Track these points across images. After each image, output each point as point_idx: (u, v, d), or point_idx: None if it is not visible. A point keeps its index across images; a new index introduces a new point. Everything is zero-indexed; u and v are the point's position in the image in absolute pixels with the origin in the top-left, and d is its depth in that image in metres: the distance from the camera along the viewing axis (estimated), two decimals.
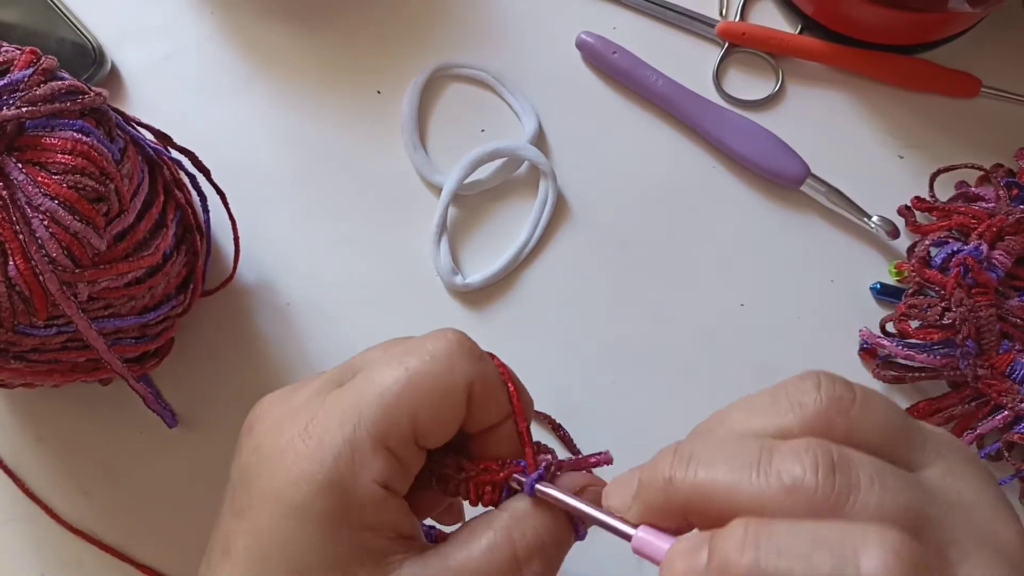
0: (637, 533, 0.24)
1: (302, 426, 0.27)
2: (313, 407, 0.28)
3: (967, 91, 0.51)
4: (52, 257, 0.34)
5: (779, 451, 0.22)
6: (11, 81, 0.34)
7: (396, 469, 0.27)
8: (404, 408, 0.27)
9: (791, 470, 0.21)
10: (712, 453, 0.23)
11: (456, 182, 0.48)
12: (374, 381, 0.27)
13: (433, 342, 0.28)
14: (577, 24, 0.52)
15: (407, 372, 0.27)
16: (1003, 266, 0.44)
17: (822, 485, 0.21)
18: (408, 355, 0.28)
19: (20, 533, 0.45)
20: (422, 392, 0.27)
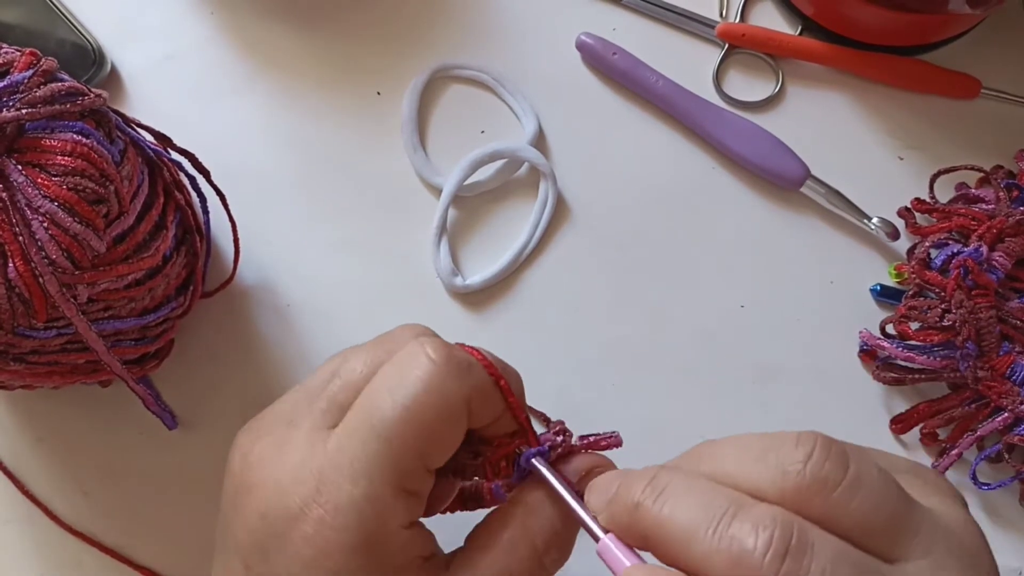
0: (604, 539, 0.25)
1: (312, 488, 0.26)
2: (316, 460, 0.27)
3: (967, 92, 0.51)
4: (52, 259, 0.34)
5: (742, 515, 0.22)
6: (11, 83, 0.34)
7: (416, 504, 0.27)
8: (411, 449, 0.26)
9: (744, 541, 0.21)
10: (683, 493, 0.23)
11: (456, 183, 0.48)
12: (372, 426, 0.26)
13: (418, 366, 0.27)
14: (577, 25, 0.52)
15: (406, 411, 0.26)
16: (1003, 268, 0.44)
17: (767, 566, 0.21)
18: (398, 387, 0.27)
19: (20, 534, 0.45)
20: (425, 428, 0.27)
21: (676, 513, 0.23)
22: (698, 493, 0.23)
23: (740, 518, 0.22)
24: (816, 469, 0.22)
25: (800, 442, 0.23)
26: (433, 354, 0.27)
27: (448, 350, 0.28)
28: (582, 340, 0.48)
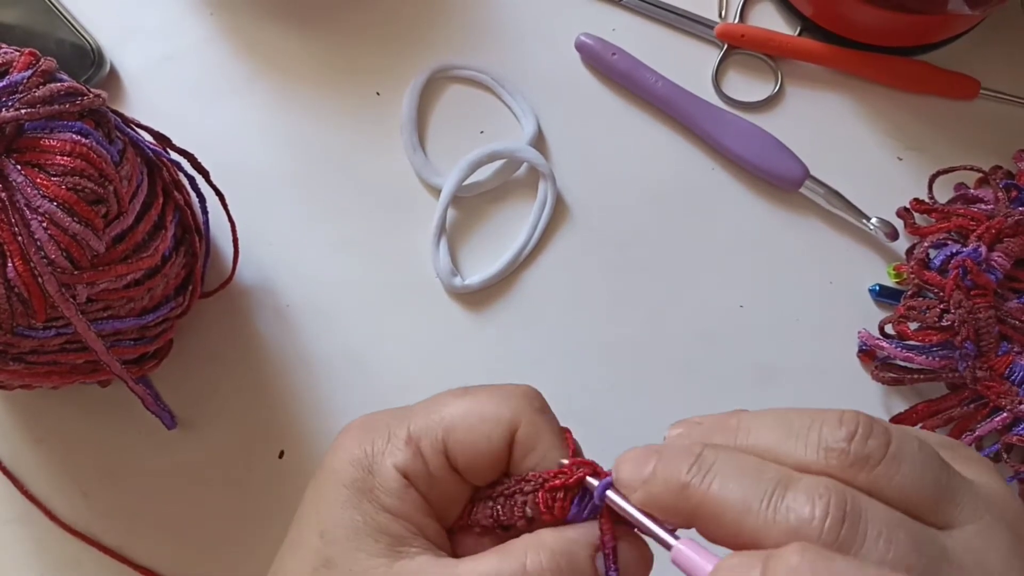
0: (677, 545, 0.24)
1: (370, 419, 0.30)
2: (384, 411, 0.30)
3: (966, 93, 0.51)
4: (51, 259, 0.34)
5: (795, 487, 0.22)
6: (10, 83, 0.34)
7: (420, 467, 0.28)
8: (443, 423, 0.28)
9: (800, 511, 0.21)
10: (731, 469, 0.23)
11: (455, 184, 0.48)
12: (436, 400, 0.29)
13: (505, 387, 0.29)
14: (576, 26, 0.52)
15: (458, 397, 0.29)
16: (1002, 268, 0.44)
17: (826, 533, 0.21)
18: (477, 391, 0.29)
19: (19, 534, 0.45)
20: (463, 410, 0.28)
21: (727, 490, 0.23)
22: (747, 468, 0.23)
23: (793, 489, 0.22)
24: (860, 446, 0.23)
25: (843, 421, 0.23)
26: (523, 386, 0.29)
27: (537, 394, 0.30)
28: (581, 340, 0.48)
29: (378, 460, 0.28)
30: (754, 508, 0.22)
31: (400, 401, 0.47)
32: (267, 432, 0.46)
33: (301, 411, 0.47)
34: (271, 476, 0.46)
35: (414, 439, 0.28)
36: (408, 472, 0.28)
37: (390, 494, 0.27)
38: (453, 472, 0.28)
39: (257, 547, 0.45)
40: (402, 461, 0.28)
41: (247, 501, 0.46)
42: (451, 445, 0.28)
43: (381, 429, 0.29)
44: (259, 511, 0.45)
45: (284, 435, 0.46)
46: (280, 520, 0.45)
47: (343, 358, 0.48)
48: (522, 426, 0.28)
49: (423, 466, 0.28)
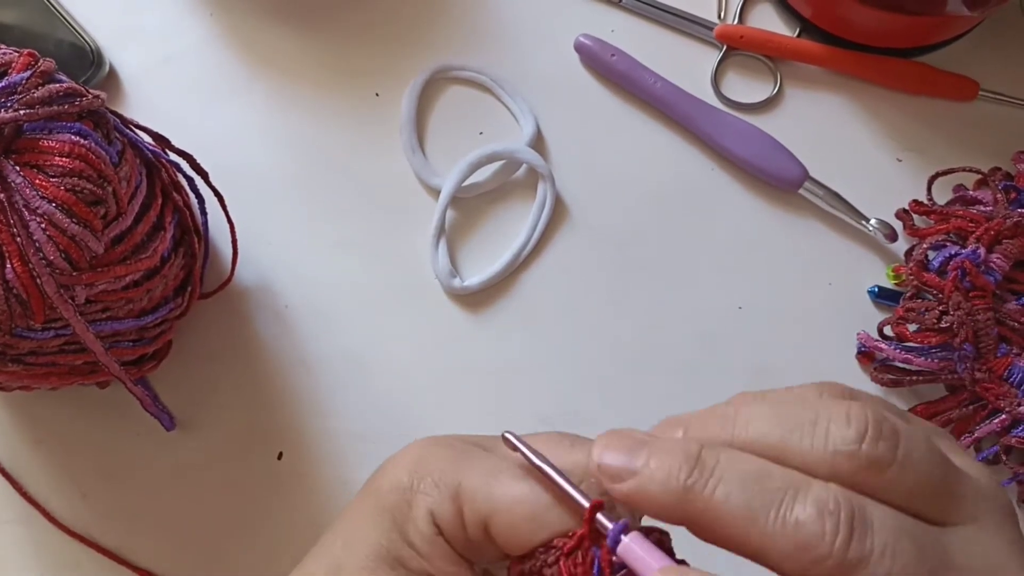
0: (625, 540, 0.23)
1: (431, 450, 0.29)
2: (449, 446, 0.29)
3: (965, 94, 0.51)
4: (49, 260, 0.34)
5: (802, 498, 0.21)
6: (9, 83, 0.34)
7: (457, 527, 0.27)
8: (491, 502, 0.26)
9: (811, 527, 0.21)
10: (735, 474, 0.22)
11: (454, 184, 0.48)
12: (498, 466, 0.27)
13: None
14: (575, 26, 0.52)
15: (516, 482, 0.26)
16: (1001, 270, 0.44)
17: (836, 552, 0.21)
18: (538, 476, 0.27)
19: (18, 536, 0.45)
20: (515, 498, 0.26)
21: (732, 497, 0.22)
22: (751, 474, 0.22)
23: (801, 500, 0.21)
24: (871, 449, 0.22)
25: (852, 418, 0.22)
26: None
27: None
28: (580, 341, 0.48)
29: (419, 500, 0.27)
30: (761, 519, 0.21)
31: (398, 402, 0.47)
32: (266, 433, 0.46)
33: (300, 412, 0.47)
34: (270, 477, 0.46)
35: (459, 498, 0.27)
36: (442, 525, 0.27)
37: (419, 534, 0.27)
38: (492, 543, 0.27)
39: (256, 548, 0.45)
40: (439, 512, 0.27)
41: (246, 502, 0.46)
42: (492, 527, 0.26)
43: (435, 466, 0.27)
44: (258, 512, 0.45)
45: (283, 436, 0.46)
46: (279, 521, 0.46)
47: (342, 359, 0.47)
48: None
49: (460, 528, 0.27)
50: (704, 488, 0.22)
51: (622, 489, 0.24)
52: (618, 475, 0.24)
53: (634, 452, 0.24)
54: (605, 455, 0.24)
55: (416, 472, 0.27)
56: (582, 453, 0.26)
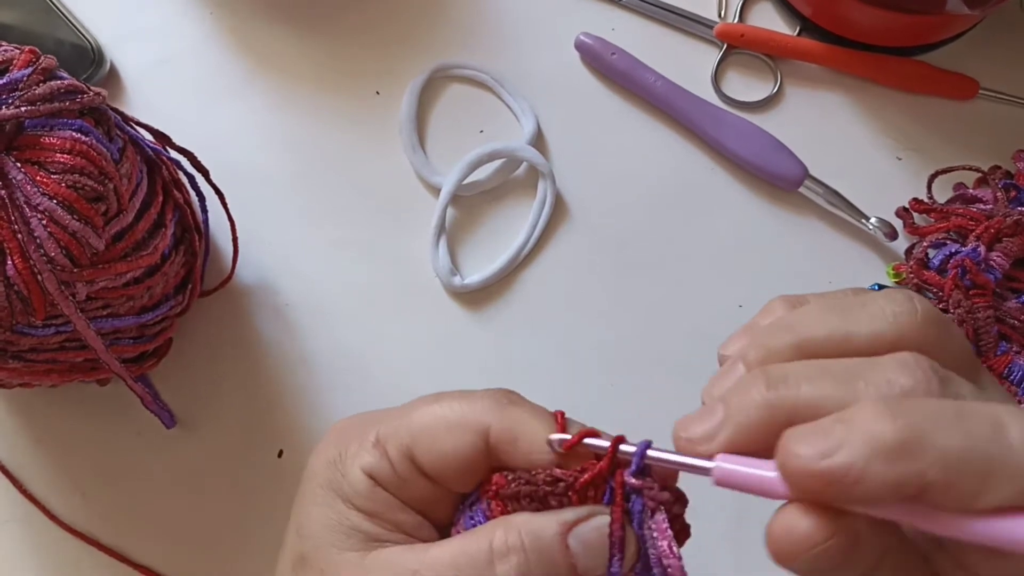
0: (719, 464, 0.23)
1: (348, 423, 0.30)
2: (362, 415, 0.30)
3: (965, 93, 0.51)
4: (50, 257, 0.34)
5: (882, 364, 0.22)
6: (10, 80, 0.34)
7: (387, 470, 0.27)
8: (410, 429, 0.28)
9: (902, 380, 0.21)
10: (810, 372, 0.23)
11: (455, 183, 0.48)
12: (408, 405, 0.29)
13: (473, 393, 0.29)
14: (576, 25, 0.52)
15: (427, 404, 0.28)
16: (1001, 268, 0.44)
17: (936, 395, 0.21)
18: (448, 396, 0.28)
19: (18, 534, 0.45)
20: (429, 418, 0.28)
21: (819, 387, 0.22)
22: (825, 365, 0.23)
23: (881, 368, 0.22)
24: (927, 311, 0.23)
25: (896, 293, 0.24)
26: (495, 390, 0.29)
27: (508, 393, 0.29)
28: (580, 339, 0.48)
29: (348, 462, 0.28)
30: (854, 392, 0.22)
31: (398, 400, 0.47)
32: (266, 431, 0.46)
33: (300, 410, 0.47)
34: (270, 475, 0.46)
35: (381, 442, 0.28)
36: (375, 474, 0.28)
37: (359, 495, 0.27)
38: (423, 476, 0.28)
39: (255, 546, 0.45)
40: (368, 464, 0.28)
41: (246, 500, 0.46)
42: (417, 453, 0.27)
43: (355, 431, 0.29)
44: (258, 510, 0.45)
45: (283, 434, 0.46)
46: (279, 519, 0.45)
47: (342, 357, 0.48)
48: (493, 427, 0.27)
49: (390, 469, 0.27)
50: (788, 392, 0.22)
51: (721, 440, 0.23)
52: (710, 435, 0.24)
53: (710, 411, 0.24)
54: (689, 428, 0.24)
55: (340, 443, 0.28)
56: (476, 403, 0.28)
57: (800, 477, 0.21)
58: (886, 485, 0.20)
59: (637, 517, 0.25)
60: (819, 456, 0.21)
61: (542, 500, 0.26)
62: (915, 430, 0.20)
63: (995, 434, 0.20)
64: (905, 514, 0.21)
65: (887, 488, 0.20)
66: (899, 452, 0.20)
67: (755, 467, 0.22)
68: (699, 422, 0.24)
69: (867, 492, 0.20)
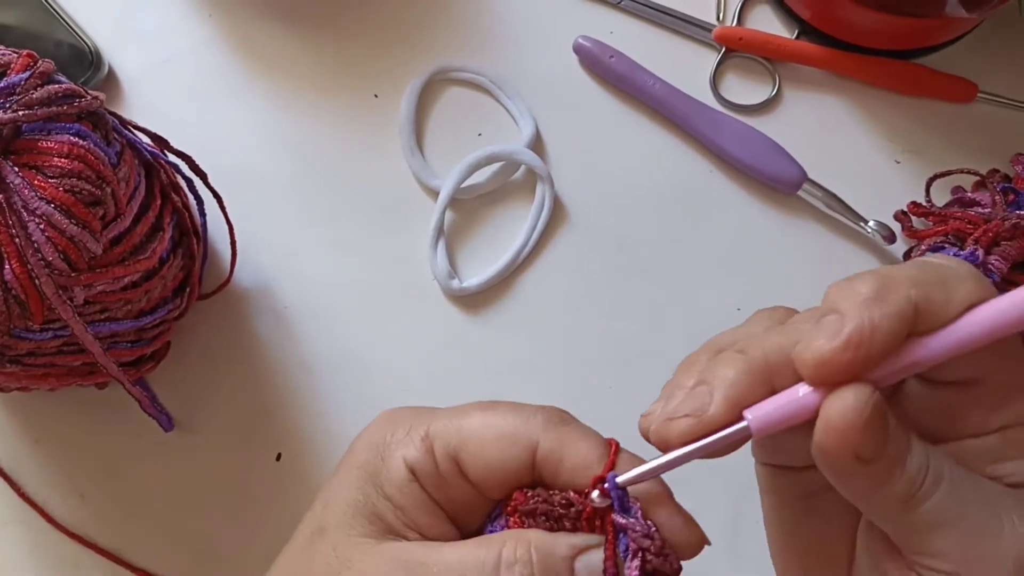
0: (752, 413, 0.24)
1: (399, 412, 0.30)
2: (415, 407, 0.30)
3: (963, 96, 0.51)
4: (48, 261, 0.34)
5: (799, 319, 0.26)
6: (8, 84, 0.34)
7: (429, 466, 0.28)
8: (460, 432, 0.28)
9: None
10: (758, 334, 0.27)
11: (453, 186, 0.48)
12: (461, 407, 0.29)
13: (528, 407, 0.29)
14: (574, 28, 0.52)
15: (481, 410, 0.29)
16: (999, 271, 0.44)
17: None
18: (503, 406, 0.29)
19: (16, 537, 0.45)
20: (480, 424, 0.28)
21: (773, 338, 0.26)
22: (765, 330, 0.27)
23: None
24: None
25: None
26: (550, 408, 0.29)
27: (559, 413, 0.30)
28: (579, 342, 0.48)
29: (391, 449, 0.28)
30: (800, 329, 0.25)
31: (397, 403, 0.47)
32: (264, 434, 0.46)
33: (299, 413, 0.47)
34: (268, 478, 0.46)
35: (429, 438, 0.28)
36: (415, 468, 0.28)
37: (393, 483, 0.28)
38: (465, 480, 0.28)
39: (254, 548, 0.45)
40: (412, 456, 0.28)
41: (244, 503, 0.46)
42: (463, 456, 0.27)
43: (405, 421, 0.29)
44: (256, 513, 0.45)
45: (281, 437, 0.46)
46: (277, 522, 0.45)
47: (341, 360, 0.48)
48: (541, 444, 0.27)
49: (433, 466, 0.28)
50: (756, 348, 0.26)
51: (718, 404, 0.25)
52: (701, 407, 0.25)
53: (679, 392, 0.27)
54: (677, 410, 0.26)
55: (388, 428, 0.29)
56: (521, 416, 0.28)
57: (830, 359, 0.23)
58: (892, 318, 0.23)
59: (624, 554, 0.25)
60: (832, 337, 0.23)
61: (557, 521, 0.27)
62: (880, 276, 0.23)
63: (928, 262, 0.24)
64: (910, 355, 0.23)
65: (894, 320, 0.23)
66: (882, 292, 0.23)
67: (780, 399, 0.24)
68: (689, 401, 0.26)
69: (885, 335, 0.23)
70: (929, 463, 0.24)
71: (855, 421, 0.23)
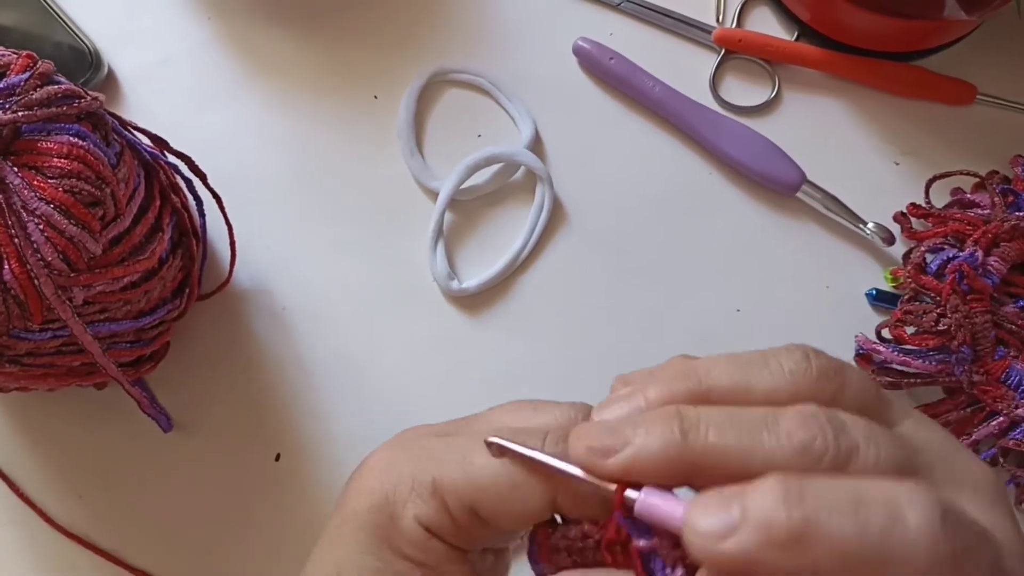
0: (641, 495, 0.23)
1: (395, 455, 0.29)
2: (413, 443, 0.29)
3: (962, 98, 0.51)
4: (47, 261, 0.34)
5: (784, 416, 0.23)
6: (7, 85, 0.34)
7: (445, 522, 0.27)
8: (472, 484, 0.26)
9: (802, 434, 0.22)
10: (720, 418, 0.23)
11: (452, 187, 0.48)
12: (466, 446, 0.27)
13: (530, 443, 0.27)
14: (574, 30, 0.52)
15: (491, 459, 0.27)
16: (998, 272, 0.44)
17: (831, 446, 0.22)
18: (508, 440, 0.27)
19: (14, 537, 0.45)
20: (494, 473, 0.26)
21: (726, 435, 0.23)
22: (732, 412, 0.23)
23: (783, 418, 0.22)
24: (820, 363, 0.24)
25: (792, 349, 0.25)
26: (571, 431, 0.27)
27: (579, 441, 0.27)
28: (578, 344, 0.48)
29: (399, 509, 0.27)
30: (758, 443, 0.22)
31: (396, 404, 0.47)
32: (263, 435, 0.46)
33: (298, 414, 0.47)
34: (267, 479, 0.46)
35: (439, 492, 0.27)
36: (432, 527, 0.27)
37: (411, 545, 0.27)
38: (485, 526, 0.27)
39: (253, 550, 0.45)
40: (425, 515, 0.27)
41: (243, 504, 0.46)
42: (481, 509, 0.26)
43: (403, 472, 0.27)
44: (255, 514, 0.45)
45: (280, 438, 0.46)
46: (276, 522, 0.46)
47: (340, 361, 0.47)
48: (560, 493, 0.26)
49: (449, 521, 0.27)
50: (699, 435, 0.23)
51: (618, 461, 0.24)
52: (608, 450, 0.24)
53: (615, 430, 0.24)
54: (584, 441, 0.24)
55: (388, 482, 0.27)
56: (547, 416, 0.28)
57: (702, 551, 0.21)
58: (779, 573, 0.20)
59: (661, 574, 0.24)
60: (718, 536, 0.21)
61: (580, 554, 0.26)
62: (809, 521, 0.20)
63: (891, 523, 0.20)
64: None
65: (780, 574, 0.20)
66: (792, 543, 0.20)
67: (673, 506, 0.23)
68: (602, 437, 0.24)
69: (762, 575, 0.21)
70: None
71: None
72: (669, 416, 0.24)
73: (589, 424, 0.25)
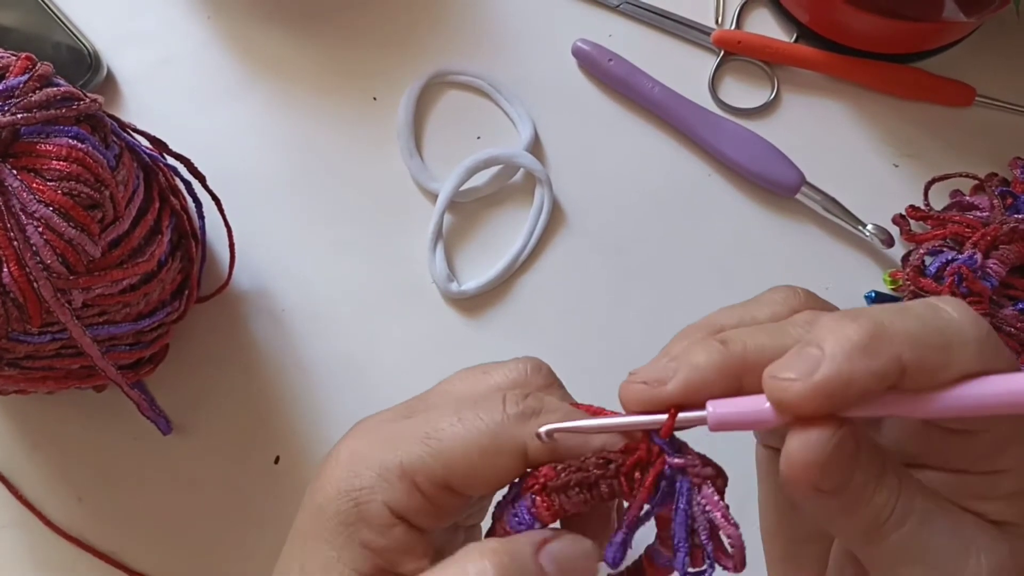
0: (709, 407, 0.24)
1: (357, 444, 0.28)
2: (374, 431, 0.29)
3: (961, 100, 0.51)
4: (46, 264, 0.34)
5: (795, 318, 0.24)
6: (6, 87, 0.34)
7: (419, 504, 0.26)
8: (440, 458, 0.26)
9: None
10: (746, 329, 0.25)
11: (452, 189, 0.48)
12: (427, 422, 0.27)
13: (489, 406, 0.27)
14: (573, 31, 0.52)
15: (453, 426, 0.26)
16: (997, 275, 0.44)
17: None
18: (467, 407, 0.27)
19: (13, 540, 0.45)
20: (460, 443, 0.26)
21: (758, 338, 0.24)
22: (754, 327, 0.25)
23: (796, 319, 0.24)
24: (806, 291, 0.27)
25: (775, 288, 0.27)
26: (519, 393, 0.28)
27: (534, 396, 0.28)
28: (578, 346, 0.48)
29: (365, 495, 0.26)
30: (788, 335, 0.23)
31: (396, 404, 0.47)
32: (263, 437, 0.46)
33: (297, 416, 0.47)
34: (267, 481, 0.46)
35: (408, 475, 0.26)
36: (400, 509, 0.26)
37: (374, 530, 0.26)
38: (459, 495, 0.27)
39: (252, 552, 0.45)
40: (394, 499, 0.26)
41: (242, 506, 0.46)
42: (454, 481, 0.26)
43: (371, 459, 0.27)
44: (254, 516, 0.45)
45: (280, 440, 0.46)
46: (276, 526, 0.45)
47: (339, 363, 0.47)
48: (530, 445, 0.26)
49: (420, 501, 0.26)
50: (737, 343, 0.24)
51: (677, 382, 0.24)
52: (663, 379, 0.25)
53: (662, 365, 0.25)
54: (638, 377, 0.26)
55: (353, 470, 0.27)
56: (498, 376, 0.29)
57: (797, 398, 0.22)
58: (873, 376, 0.22)
59: (685, 495, 0.25)
60: (809, 371, 0.22)
61: (592, 487, 0.25)
62: (876, 324, 0.22)
63: (936, 314, 0.22)
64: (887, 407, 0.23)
65: (875, 378, 0.22)
66: (872, 345, 0.22)
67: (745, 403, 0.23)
68: (654, 371, 0.25)
69: (859, 390, 0.22)
70: (899, 497, 0.23)
71: (815, 460, 0.22)
72: (705, 340, 0.25)
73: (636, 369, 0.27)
